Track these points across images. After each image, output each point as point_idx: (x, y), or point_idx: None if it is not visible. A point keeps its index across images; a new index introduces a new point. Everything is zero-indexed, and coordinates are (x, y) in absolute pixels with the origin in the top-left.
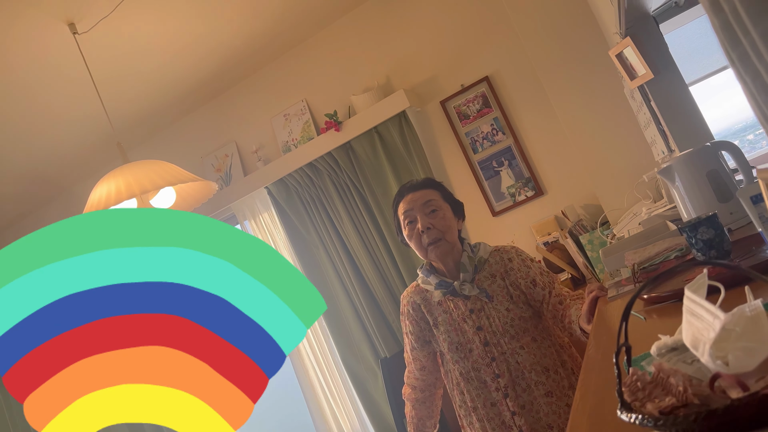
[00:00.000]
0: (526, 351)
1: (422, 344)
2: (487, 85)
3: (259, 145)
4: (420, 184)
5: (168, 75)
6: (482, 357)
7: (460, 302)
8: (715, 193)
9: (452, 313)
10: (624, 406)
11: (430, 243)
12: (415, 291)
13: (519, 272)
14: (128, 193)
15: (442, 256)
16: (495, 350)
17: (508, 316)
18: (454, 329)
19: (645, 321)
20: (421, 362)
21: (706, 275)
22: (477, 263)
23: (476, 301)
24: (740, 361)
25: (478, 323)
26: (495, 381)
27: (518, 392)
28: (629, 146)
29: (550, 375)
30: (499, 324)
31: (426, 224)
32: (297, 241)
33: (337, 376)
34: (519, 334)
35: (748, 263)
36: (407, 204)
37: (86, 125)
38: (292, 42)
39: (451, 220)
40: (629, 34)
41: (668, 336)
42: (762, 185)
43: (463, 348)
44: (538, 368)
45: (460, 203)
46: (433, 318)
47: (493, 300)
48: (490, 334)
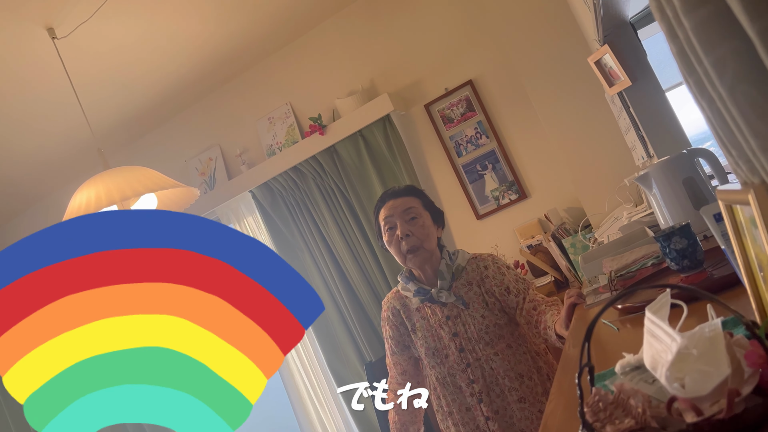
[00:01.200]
0: (501, 357)
1: (402, 348)
2: (471, 89)
3: (244, 149)
4: (402, 191)
5: (150, 79)
6: (458, 363)
7: (438, 309)
8: (691, 200)
9: (429, 319)
10: (585, 427)
11: (409, 251)
12: (395, 297)
13: (494, 280)
14: (108, 200)
15: (421, 264)
16: (470, 356)
17: (483, 323)
18: (431, 335)
19: (618, 331)
20: (402, 366)
21: (669, 294)
22: (455, 271)
23: (453, 308)
24: (696, 385)
25: (454, 330)
26: (470, 386)
27: (492, 398)
28: (611, 151)
29: (524, 381)
30: (474, 331)
31: (405, 231)
32: (282, 245)
33: (323, 380)
34: (494, 340)
35: (720, 273)
36: (388, 210)
37: (66, 131)
38: (276, 45)
39: (431, 228)
40: (607, 41)
41: (632, 354)
42: (722, 206)
43: (439, 353)
44: (512, 374)
45: (441, 211)
46: (412, 324)
47: (469, 307)
48: (466, 341)
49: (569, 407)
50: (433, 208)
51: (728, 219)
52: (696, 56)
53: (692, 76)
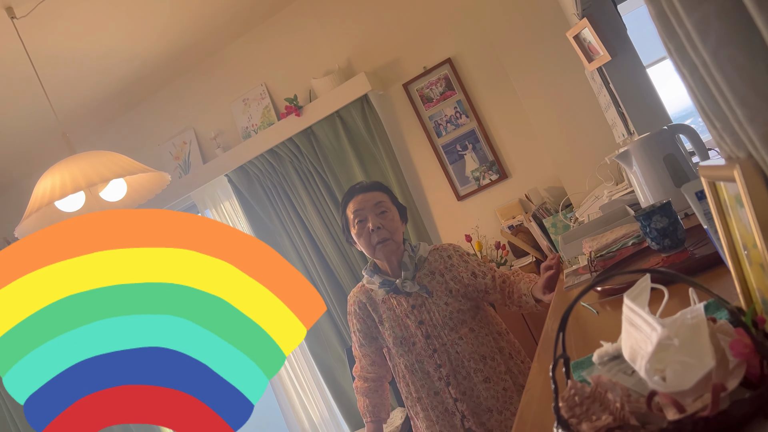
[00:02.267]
0: (465, 341)
1: (370, 341)
2: (450, 68)
3: (218, 132)
4: (371, 186)
5: (117, 60)
6: (425, 349)
7: (403, 299)
8: (671, 178)
9: (395, 309)
10: (561, 424)
11: (379, 242)
12: (360, 291)
13: (459, 267)
14: (74, 186)
15: (388, 255)
16: (436, 342)
17: (447, 309)
18: (397, 325)
19: (598, 315)
20: (371, 358)
21: (648, 279)
22: (417, 262)
23: (417, 297)
24: (678, 378)
25: (420, 318)
26: (437, 371)
27: (459, 380)
28: (591, 128)
29: (487, 362)
30: (438, 318)
31: (377, 224)
32: (260, 230)
33: (305, 366)
34: (457, 326)
35: (702, 252)
36: (358, 204)
37: (29, 116)
38: (250, 24)
39: (398, 222)
40: (586, 15)
41: (610, 343)
42: (704, 183)
43: (406, 342)
44: (476, 356)
45: (405, 208)
46: (378, 315)
47: (432, 295)
48: (431, 328)
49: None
50: (399, 204)
51: (711, 197)
52: (677, 17)
53: (673, 41)
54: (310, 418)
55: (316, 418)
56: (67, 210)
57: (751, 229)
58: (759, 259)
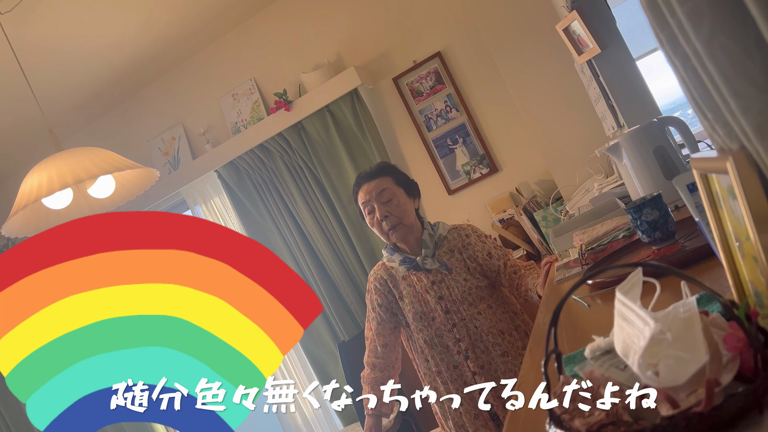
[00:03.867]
0: (483, 316)
1: (390, 316)
2: (440, 61)
3: (208, 127)
4: (374, 172)
5: (104, 55)
6: (444, 324)
7: (423, 275)
8: (662, 170)
9: (415, 286)
10: (553, 420)
11: (390, 228)
12: (381, 268)
13: (476, 246)
14: (61, 183)
15: (404, 237)
16: (455, 317)
17: (466, 285)
18: (417, 300)
19: (589, 308)
20: (385, 338)
21: (640, 272)
22: (437, 240)
23: (437, 273)
24: (671, 373)
25: (440, 293)
26: (456, 345)
27: (477, 354)
28: (581, 121)
29: (506, 337)
30: (458, 293)
31: (384, 213)
32: (250, 226)
33: (296, 361)
34: (476, 301)
35: (693, 244)
36: (364, 195)
37: (15, 113)
38: (239, 18)
39: (407, 204)
40: (575, 7)
41: (602, 337)
42: (696, 175)
43: (426, 317)
44: (495, 331)
45: (414, 183)
46: (398, 291)
47: (452, 272)
48: (451, 303)
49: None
50: (407, 181)
51: (703, 189)
52: (669, 6)
53: (664, 31)
54: (303, 414)
55: (309, 413)
56: (55, 207)
57: (744, 222)
58: (752, 251)
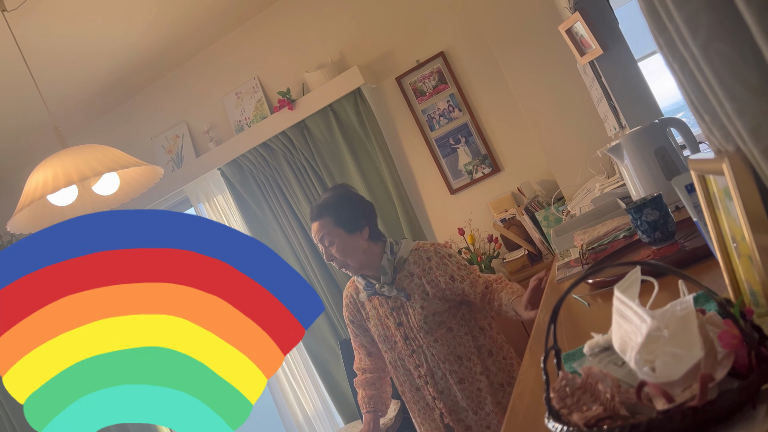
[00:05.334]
0: (440, 343)
1: (363, 332)
2: (443, 61)
3: (211, 125)
4: (315, 213)
5: (108, 53)
6: (404, 349)
7: (384, 300)
8: (662, 171)
9: (378, 309)
10: (552, 414)
11: (340, 268)
12: (351, 286)
13: (437, 271)
14: (66, 180)
15: (357, 272)
16: (414, 344)
17: (423, 313)
18: (380, 323)
19: (589, 307)
20: (367, 349)
21: (639, 271)
22: (396, 264)
23: (396, 299)
24: (667, 369)
25: (398, 320)
26: (417, 369)
27: (436, 380)
28: (583, 122)
29: (463, 363)
30: (415, 321)
31: (329, 257)
32: (253, 223)
33: (298, 359)
34: (433, 328)
35: (692, 245)
36: (313, 234)
37: (20, 110)
38: (243, 16)
39: (349, 245)
40: (578, 9)
41: (600, 335)
42: (694, 177)
43: (389, 340)
44: (452, 358)
45: (360, 210)
46: (365, 311)
47: (410, 299)
48: (409, 330)
49: (538, 388)
50: (347, 217)
51: (701, 190)
52: (667, 12)
53: (663, 35)
54: (303, 411)
55: (310, 410)
56: (60, 204)
57: (739, 222)
58: (747, 251)
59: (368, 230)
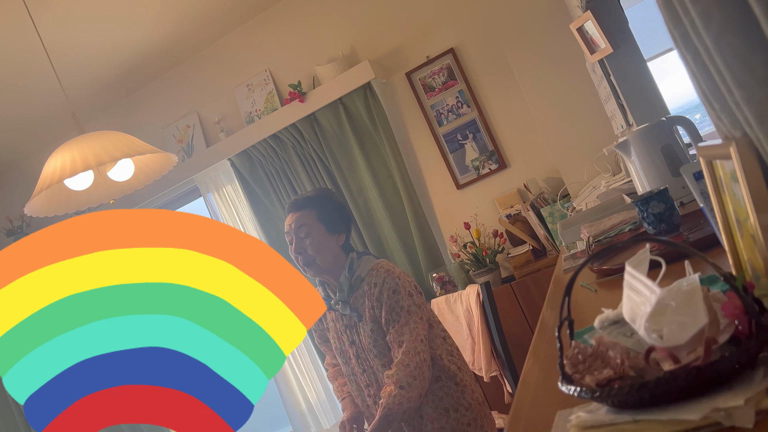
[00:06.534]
0: (388, 369)
1: (324, 340)
2: (453, 57)
3: (222, 116)
4: (300, 203)
5: (125, 42)
6: (357, 366)
7: (339, 316)
8: (668, 167)
9: (336, 323)
10: (565, 378)
11: (304, 265)
12: None
13: (376, 301)
14: (83, 165)
15: (318, 276)
16: (364, 364)
17: (372, 336)
18: (337, 337)
19: (596, 293)
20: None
21: (648, 250)
22: (353, 282)
23: (350, 318)
24: (673, 335)
25: (351, 338)
26: (367, 388)
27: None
28: (590, 120)
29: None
30: (366, 342)
31: (298, 249)
32: (261, 214)
33: (303, 348)
34: (382, 353)
35: (696, 236)
36: (286, 225)
37: (39, 95)
38: (256, 9)
39: (324, 243)
40: (590, 8)
41: (611, 309)
42: (702, 162)
43: (344, 355)
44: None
45: (341, 218)
46: (326, 323)
47: (362, 320)
48: (360, 350)
49: (546, 366)
50: (332, 216)
51: (708, 175)
52: (683, 6)
53: (678, 29)
54: (307, 399)
55: (313, 399)
56: (77, 188)
57: (744, 203)
58: (750, 230)
59: (345, 237)
